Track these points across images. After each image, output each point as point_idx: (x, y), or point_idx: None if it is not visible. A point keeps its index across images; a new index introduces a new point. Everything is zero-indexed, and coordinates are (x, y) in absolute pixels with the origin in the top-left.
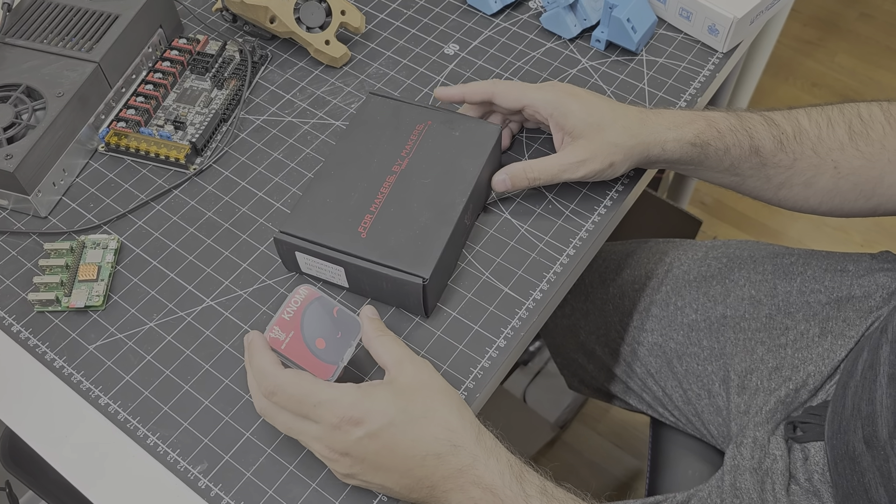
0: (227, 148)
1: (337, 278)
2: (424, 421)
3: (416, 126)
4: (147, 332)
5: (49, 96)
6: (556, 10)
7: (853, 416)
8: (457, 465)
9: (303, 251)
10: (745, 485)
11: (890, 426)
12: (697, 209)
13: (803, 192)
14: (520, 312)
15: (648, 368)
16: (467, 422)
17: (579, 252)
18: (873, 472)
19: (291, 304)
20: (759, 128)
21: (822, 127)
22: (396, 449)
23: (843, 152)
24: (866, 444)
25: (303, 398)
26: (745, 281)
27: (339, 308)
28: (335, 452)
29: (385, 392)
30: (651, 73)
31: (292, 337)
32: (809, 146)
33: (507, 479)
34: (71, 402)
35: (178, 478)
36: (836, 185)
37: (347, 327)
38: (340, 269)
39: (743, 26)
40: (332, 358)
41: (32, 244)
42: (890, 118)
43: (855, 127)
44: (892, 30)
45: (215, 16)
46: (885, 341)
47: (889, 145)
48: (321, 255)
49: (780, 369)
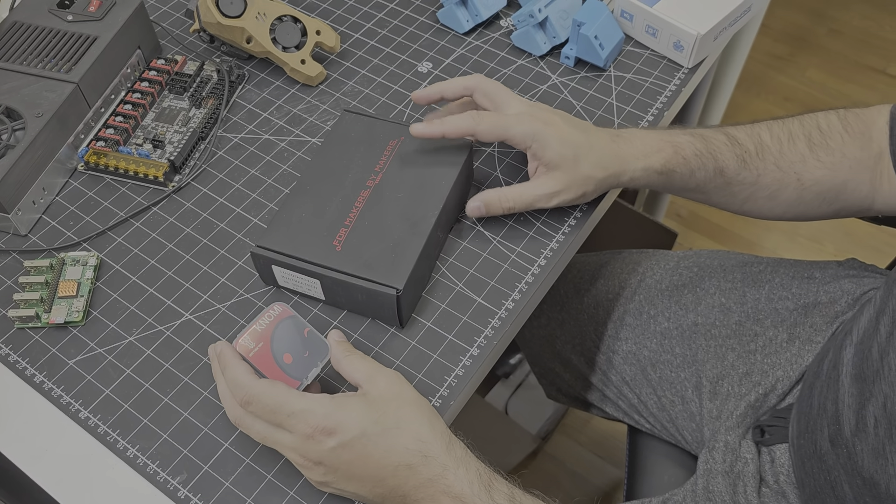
0: (206, 165)
1: (313, 291)
2: (396, 432)
3: (390, 142)
4: (126, 347)
5: (28, 116)
6: (526, 28)
7: (819, 416)
8: (427, 475)
9: (279, 265)
10: (717, 488)
11: (852, 424)
12: (673, 222)
13: (768, 204)
14: (492, 322)
15: (623, 376)
16: (438, 432)
17: (550, 262)
18: (838, 469)
19: (265, 317)
20: (724, 149)
21: (783, 142)
22: (369, 459)
23: (805, 164)
24: (831, 442)
25: (277, 408)
26: (716, 289)
27: (309, 329)
28: (309, 461)
29: (358, 403)
30: (619, 89)
31: (261, 348)
32: (772, 161)
33: (476, 488)
34: (51, 417)
35: (158, 489)
36: (800, 196)
37: (316, 348)
38: (316, 281)
39: (707, 42)
40: (297, 374)
41: (12, 262)
42: (847, 126)
43: (814, 139)
44: (860, 45)
45: (193, 37)
46: (850, 343)
47: (849, 153)
48: (297, 269)
49: (751, 374)
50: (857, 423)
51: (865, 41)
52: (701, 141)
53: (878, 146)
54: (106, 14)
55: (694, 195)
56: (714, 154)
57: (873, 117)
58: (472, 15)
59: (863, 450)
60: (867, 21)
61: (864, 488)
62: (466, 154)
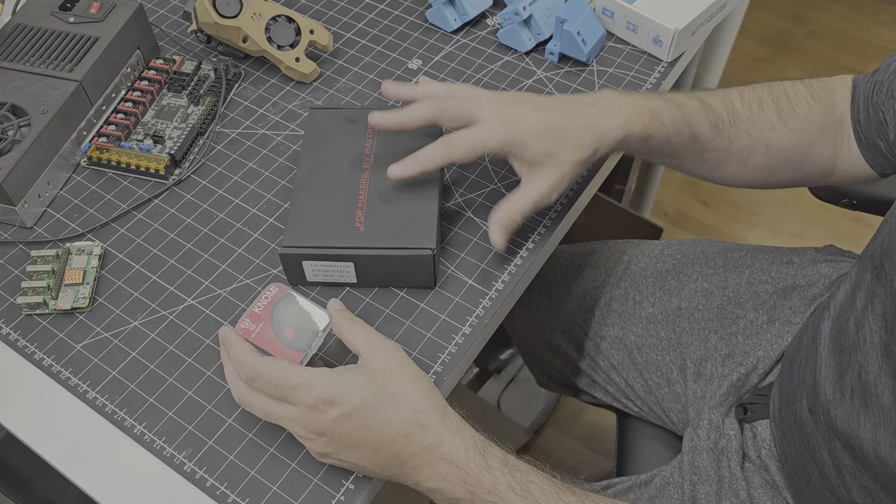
0: (205, 159)
1: (345, 276)
2: (394, 402)
3: (367, 126)
4: (132, 331)
5: (33, 113)
6: (511, 26)
7: (798, 388)
8: (424, 444)
9: (310, 258)
10: (702, 463)
11: (829, 393)
12: (660, 220)
13: (738, 170)
14: (483, 302)
15: (611, 361)
16: (434, 403)
17: (538, 246)
18: (817, 437)
19: (262, 299)
20: (698, 115)
21: (753, 108)
22: (368, 429)
23: (774, 131)
24: (810, 411)
25: (280, 382)
26: (698, 275)
27: (307, 302)
28: (311, 433)
29: (358, 375)
30: (601, 83)
31: (262, 327)
32: (743, 128)
33: (471, 454)
34: (60, 398)
35: (165, 463)
36: (768, 163)
37: (316, 318)
38: (350, 265)
39: (685, 37)
40: (300, 346)
41: (19, 253)
42: (813, 92)
43: (782, 105)
44: (839, 46)
45: (190, 37)
46: (827, 317)
47: (815, 119)
48: (329, 257)
49: (733, 356)
50: (834, 393)
51: (844, 42)
52: (676, 107)
53: (841, 111)
54: (106, 16)
55: (669, 161)
56: (689, 120)
57: (837, 84)
58: (460, 14)
59: (837, 416)
60: (845, 23)
61: (843, 451)
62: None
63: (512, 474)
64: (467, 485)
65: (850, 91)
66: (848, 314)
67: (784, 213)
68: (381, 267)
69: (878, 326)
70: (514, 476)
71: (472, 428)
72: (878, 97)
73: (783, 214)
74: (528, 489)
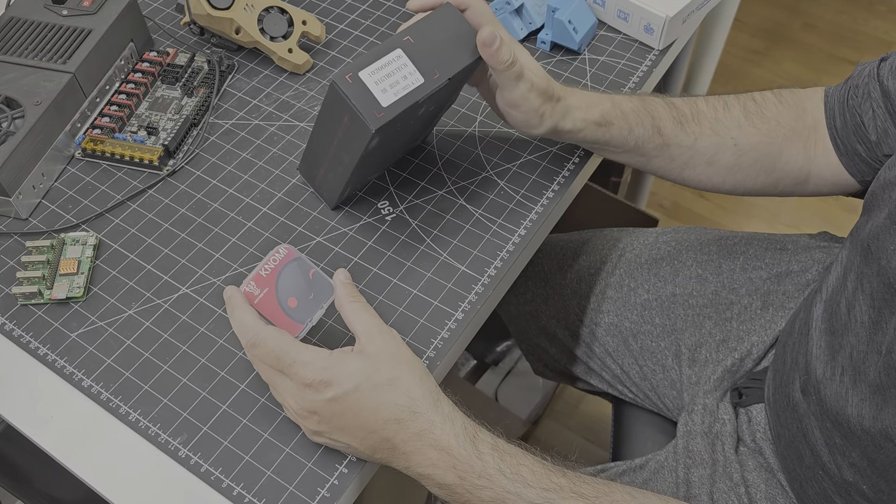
0: (199, 150)
1: (410, 77)
2: (388, 388)
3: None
4: (126, 319)
5: (27, 105)
6: (503, 15)
7: (791, 370)
8: (415, 430)
9: (365, 67)
10: (697, 447)
11: (819, 374)
12: (656, 212)
13: (706, 171)
14: (476, 288)
15: (607, 348)
16: (427, 390)
17: (530, 232)
18: (809, 417)
19: (270, 261)
20: (661, 110)
21: (718, 109)
22: (361, 412)
23: (742, 130)
24: (802, 392)
25: (281, 355)
26: (693, 261)
27: (315, 271)
28: (305, 410)
29: (354, 360)
30: (593, 71)
31: (266, 293)
32: (708, 126)
33: (462, 440)
34: (55, 386)
35: (160, 449)
36: (738, 161)
37: (321, 290)
38: (399, 53)
39: (676, 24)
40: (301, 317)
41: (14, 244)
42: (781, 98)
43: (749, 107)
44: (834, 38)
45: (184, 30)
46: (819, 300)
47: (784, 122)
48: (378, 54)
49: (727, 341)
50: (824, 373)
51: (839, 34)
52: (638, 100)
53: (813, 118)
54: (99, 8)
55: (634, 158)
56: (651, 112)
57: (808, 94)
58: None
59: (827, 395)
60: (841, 15)
61: (832, 429)
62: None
63: (502, 458)
64: (458, 470)
65: (821, 100)
66: (839, 296)
67: (780, 205)
68: (430, 37)
69: (867, 306)
70: (504, 460)
71: (464, 414)
72: (853, 101)
73: (779, 206)
74: (518, 472)
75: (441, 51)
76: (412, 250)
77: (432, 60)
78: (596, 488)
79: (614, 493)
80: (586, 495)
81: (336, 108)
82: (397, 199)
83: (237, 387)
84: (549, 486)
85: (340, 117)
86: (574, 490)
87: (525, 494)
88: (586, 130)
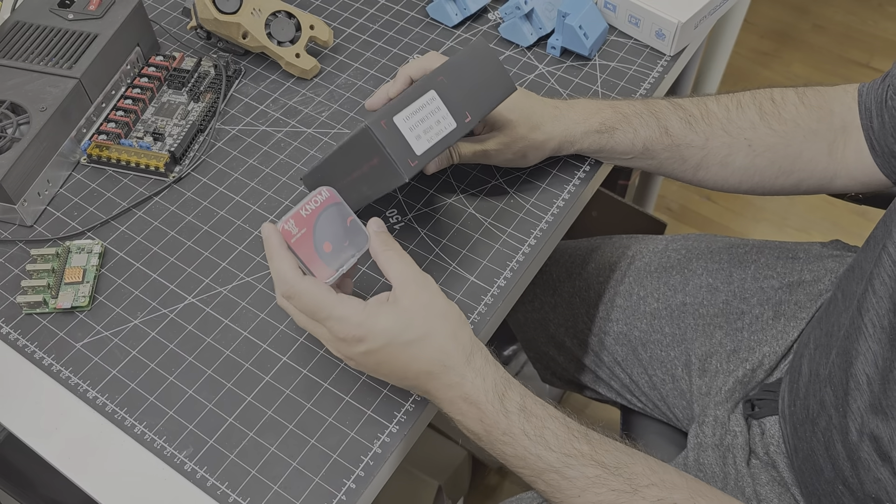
0: (205, 156)
1: (443, 121)
2: (420, 343)
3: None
4: (132, 329)
5: (33, 111)
6: (513, 20)
7: (811, 382)
8: (446, 382)
9: (400, 111)
10: (708, 460)
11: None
12: (664, 215)
13: (721, 172)
14: (485, 299)
15: (615, 357)
16: (460, 344)
17: (540, 242)
18: (831, 430)
19: (312, 202)
20: (665, 111)
21: (730, 109)
22: (394, 364)
23: (756, 131)
24: (822, 405)
25: (316, 309)
26: (703, 270)
27: (353, 219)
28: (342, 355)
29: (388, 315)
30: (604, 77)
31: (304, 234)
32: (719, 126)
33: (490, 396)
34: (60, 397)
35: (166, 463)
36: (753, 162)
37: (356, 238)
38: (432, 93)
39: (688, 30)
40: (334, 263)
41: (19, 251)
42: (804, 99)
43: (766, 108)
44: (843, 39)
45: (190, 34)
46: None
47: (803, 123)
48: (413, 96)
49: (738, 351)
50: (849, 382)
51: (848, 35)
52: (641, 103)
53: (843, 120)
54: (106, 12)
55: (645, 161)
56: (655, 113)
57: (836, 94)
58: (461, 8)
59: (858, 408)
60: (850, 16)
61: (859, 444)
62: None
63: (528, 419)
64: (484, 423)
65: (853, 100)
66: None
67: (789, 209)
68: (462, 75)
69: None
70: (529, 421)
71: (496, 369)
72: (893, 101)
73: (788, 210)
74: (542, 434)
75: (472, 90)
76: (420, 260)
77: (464, 102)
78: (617, 458)
79: (635, 465)
80: (606, 465)
81: (366, 148)
82: (406, 208)
83: (244, 399)
84: (570, 451)
85: (369, 156)
86: (595, 458)
87: (546, 457)
88: (588, 140)
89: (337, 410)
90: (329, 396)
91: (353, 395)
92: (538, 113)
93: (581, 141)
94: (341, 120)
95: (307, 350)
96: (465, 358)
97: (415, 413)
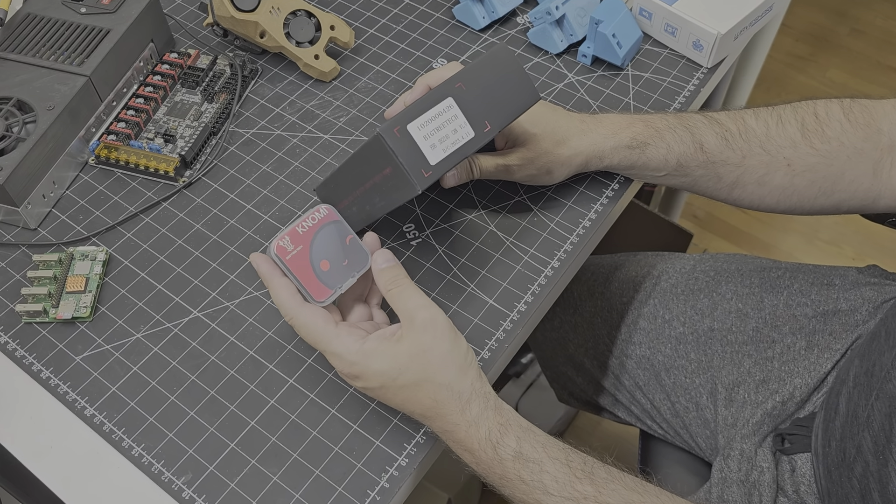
0: (217, 161)
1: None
2: (414, 389)
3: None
4: (134, 344)
5: (40, 109)
6: (543, 25)
7: (849, 423)
8: (440, 427)
9: (415, 119)
10: (732, 497)
11: (887, 431)
12: (690, 223)
13: (758, 191)
14: (504, 324)
15: (637, 381)
16: (455, 393)
17: (564, 264)
18: (868, 478)
19: (309, 219)
20: (700, 125)
21: (770, 125)
22: (392, 401)
23: (796, 150)
24: (859, 450)
25: (314, 341)
26: (733, 294)
27: (352, 237)
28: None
29: (383, 357)
30: (637, 88)
31: (299, 251)
32: (757, 143)
33: (484, 445)
34: (56, 413)
35: (162, 489)
36: (792, 182)
37: (355, 258)
38: (449, 100)
39: (727, 42)
40: (331, 282)
41: (21, 256)
42: (849, 115)
43: (808, 125)
44: (883, 45)
45: (206, 31)
46: (888, 348)
47: (848, 142)
48: (429, 103)
49: (767, 382)
50: (893, 430)
51: (888, 41)
52: (674, 117)
53: (891, 139)
54: (119, 6)
55: (678, 179)
56: (689, 128)
57: (885, 110)
58: (489, 11)
59: None
60: (890, 21)
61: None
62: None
63: (524, 465)
64: (480, 468)
65: None
66: None
67: (819, 220)
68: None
69: None
70: (526, 467)
71: (495, 415)
72: None
73: (818, 221)
74: (540, 479)
75: (492, 98)
76: (437, 279)
77: (483, 110)
78: (624, 497)
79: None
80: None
81: (378, 157)
82: (423, 223)
83: (247, 423)
84: (571, 494)
85: (381, 165)
86: (599, 500)
87: (545, 502)
88: (619, 157)
89: (344, 439)
90: (336, 424)
91: (362, 424)
92: (564, 127)
93: (610, 156)
94: (359, 126)
95: (315, 373)
96: (460, 407)
97: (425, 445)
